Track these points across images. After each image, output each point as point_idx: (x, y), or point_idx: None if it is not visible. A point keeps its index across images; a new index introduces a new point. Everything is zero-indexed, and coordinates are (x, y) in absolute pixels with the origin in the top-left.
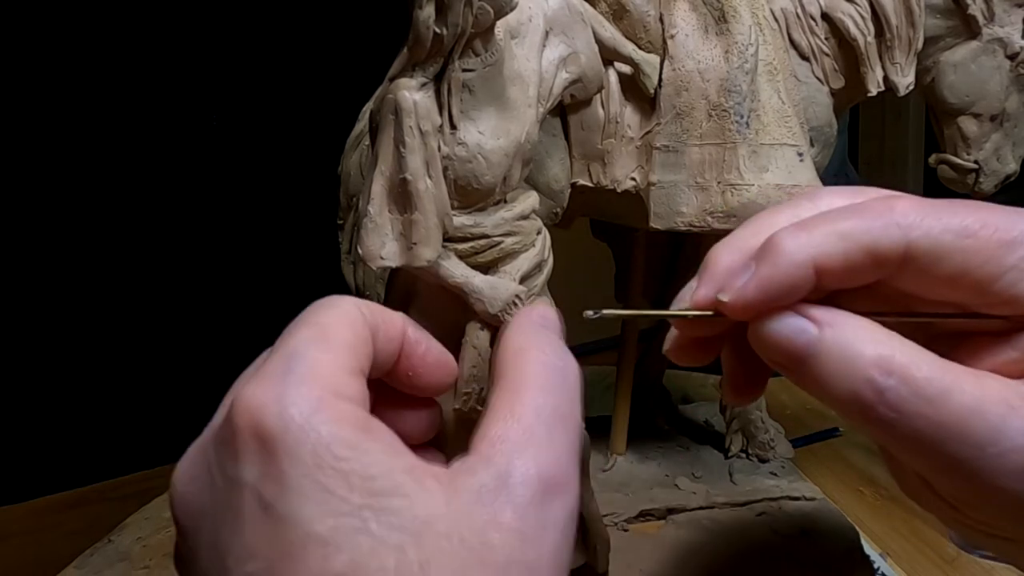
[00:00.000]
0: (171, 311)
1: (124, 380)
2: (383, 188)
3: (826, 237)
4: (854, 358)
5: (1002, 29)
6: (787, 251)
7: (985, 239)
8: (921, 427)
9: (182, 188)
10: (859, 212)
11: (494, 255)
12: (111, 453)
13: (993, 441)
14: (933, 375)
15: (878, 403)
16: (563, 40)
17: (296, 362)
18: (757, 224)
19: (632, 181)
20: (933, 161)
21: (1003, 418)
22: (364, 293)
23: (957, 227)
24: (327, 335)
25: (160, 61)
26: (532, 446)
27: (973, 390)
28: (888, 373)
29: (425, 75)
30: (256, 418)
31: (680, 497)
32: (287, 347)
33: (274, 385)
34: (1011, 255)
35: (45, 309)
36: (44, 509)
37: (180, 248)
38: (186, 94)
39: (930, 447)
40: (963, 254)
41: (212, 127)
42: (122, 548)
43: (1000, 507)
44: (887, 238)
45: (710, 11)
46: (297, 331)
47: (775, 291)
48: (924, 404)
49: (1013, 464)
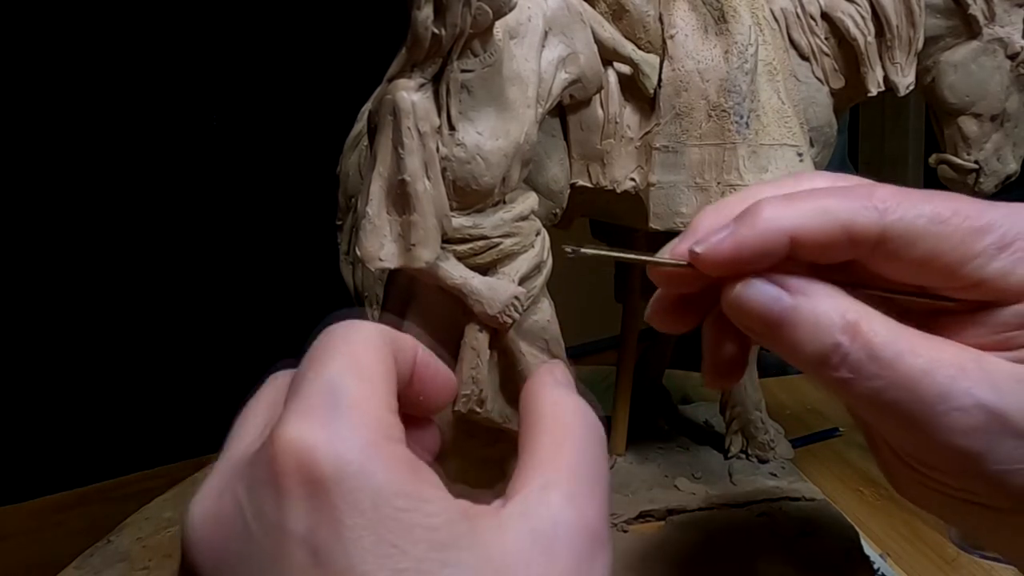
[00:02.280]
0: (171, 311)
1: (124, 380)
2: (381, 189)
3: (806, 210)
4: (824, 325)
5: (1002, 29)
6: (767, 217)
7: (956, 225)
8: (878, 387)
9: (182, 188)
10: (840, 192)
11: (493, 256)
12: (111, 453)
13: (942, 399)
14: (889, 339)
15: (841, 365)
16: (562, 40)
17: (339, 398)
18: (744, 194)
19: (632, 182)
20: (933, 161)
21: (952, 379)
22: (363, 294)
23: (931, 213)
24: (361, 366)
25: (160, 61)
26: (580, 497)
27: (927, 353)
28: (852, 338)
29: (423, 76)
30: (306, 461)
31: (680, 498)
32: (323, 378)
33: (322, 424)
34: (980, 241)
35: (45, 309)
36: (44, 509)
37: (180, 248)
38: (186, 94)
39: (887, 407)
40: (935, 239)
41: (212, 127)
42: (122, 548)
43: (951, 463)
44: (864, 218)
45: (710, 11)
46: (330, 360)
47: (748, 252)
48: (880, 366)
49: (960, 423)
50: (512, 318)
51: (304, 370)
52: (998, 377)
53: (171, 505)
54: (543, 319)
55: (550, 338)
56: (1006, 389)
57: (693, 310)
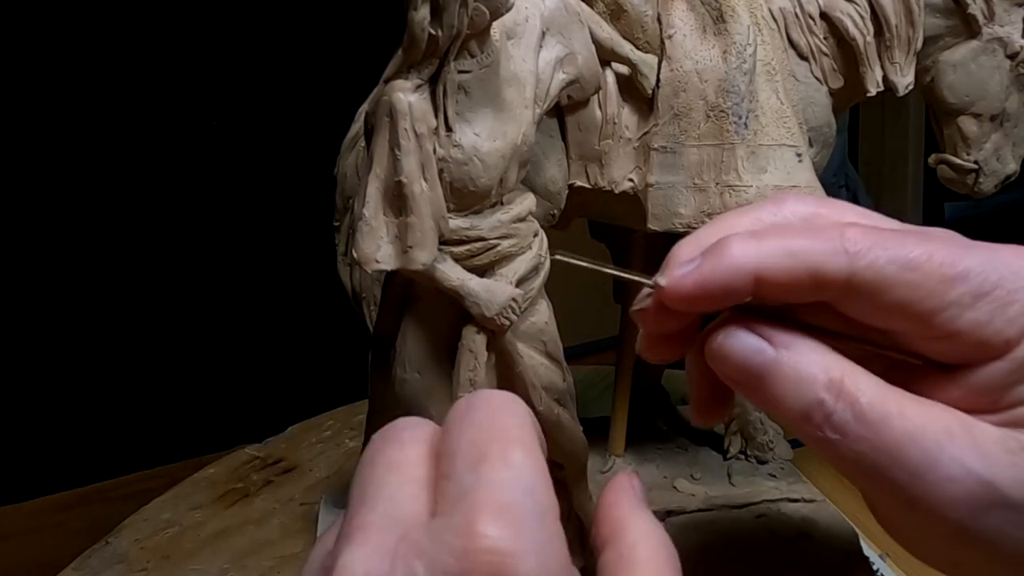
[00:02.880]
0: (170, 311)
1: (124, 380)
2: (378, 191)
3: (774, 250)
4: (807, 381)
5: (1002, 28)
6: (732, 254)
7: (928, 273)
8: (864, 451)
9: (181, 188)
10: (811, 233)
11: (490, 258)
12: (111, 453)
13: (929, 468)
14: (876, 400)
15: (824, 424)
16: (560, 40)
17: (537, 501)
18: (721, 223)
19: (630, 182)
20: (933, 161)
21: (940, 445)
22: (361, 295)
23: (902, 260)
24: (541, 461)
25: (160, 61)
26: None
27: (914, 416)
28: (837, 396)
29: (420, 77)
30: (505, 570)
31: (679, 499)
32: (513, 470)
33: (523, 532)
34: (952, 291)
35: (45, 309)
36: (44, 509)
37: (179, 248)
38: (186, 94)
39: (872, 471)
40: (906, 287)
41: (212, 127)
42: (120, 550)
43: (939, 530)
44: (832, 263)
45: (708, 11)
46: (512, 447)
47: (711, 289)
48: (865, 428)
49: (948, 492)
50: (510, 320)
51: (481, 449)
52: (987, 445)
53: (169, 506)
54: (541, 320)
55: (548, 340)
56: (995, 458)
57: (678, 342)
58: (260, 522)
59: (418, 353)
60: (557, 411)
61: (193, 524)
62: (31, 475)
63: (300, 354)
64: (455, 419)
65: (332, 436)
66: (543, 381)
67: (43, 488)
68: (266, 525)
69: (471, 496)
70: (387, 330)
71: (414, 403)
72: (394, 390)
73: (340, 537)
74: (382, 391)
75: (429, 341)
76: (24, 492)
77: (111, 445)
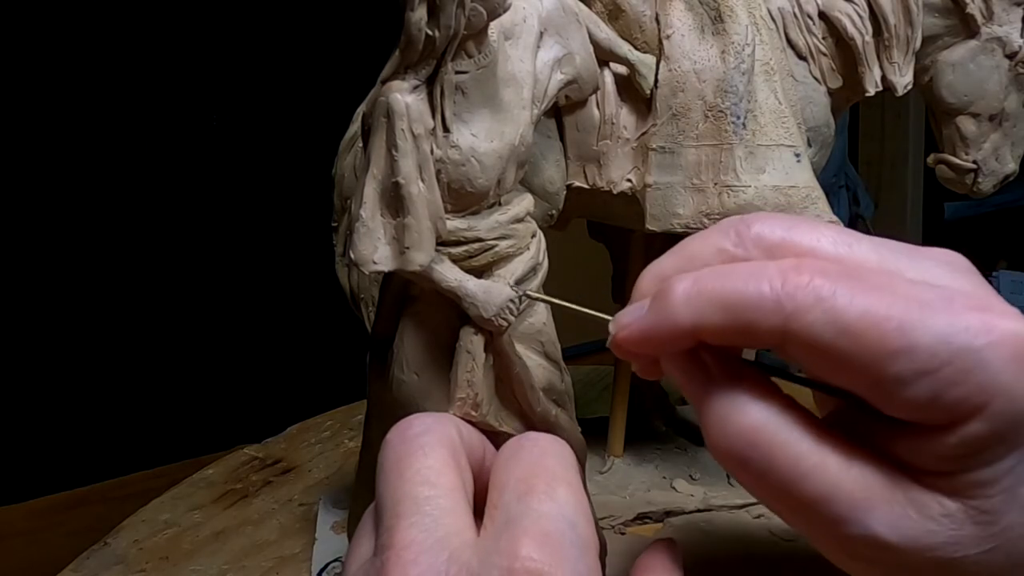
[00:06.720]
0: (169, 311)
1: (124, 380)
2: (375, 192)
3: (711, 303)
4: (730, 423)
5: (1001, 28)
6: (671, 311)
7: (868, 344)
8: (782, 503)
9: (181, 188)
10: (755, 279)
11: (488, 259)
12: (111, 453)
13: (846, 523)
14: (799, 454)
15: (743, 471)
16: (558, 41)
17: (578, 533)
18: (681, 253)
19: (628, 183)
20: (932, 161)
21: (853, 508)
22: (359, 296)
23: (841, 324)
24: (583, 497)
25: (160, 61)
26: None
27: (833, 476)
28: (753, 445)
29: (417, 77)
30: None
31: (678, 499)
32: (557, 503)
33: (565, 562)
34: (892, 365)
35: (45, 309)
36: (44, 509)
37: (178, 249)
38: (186, 94)
39: (791, 519)
40: (841, 354)
41: (212, 128)
42: (118, 551)
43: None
44: (766, 321)
45: (706, 11)
46: (555, 484)
47: (656, 341)
48: (782, 483)
49: (863, 552)
50: (508, 321)
51: (529, 483)
52: (900, 515)
53: (168, 507)
54: (539, 322)
55: (546, 340)
56: (905, 527)
57: None
58: (259, 523)
59: (416, 354)
60: (555, 412)
61: (192, 525)
62: (30, 475)
63: (299, 355)
64: (505, 456)
65: (331, 436)
66: (541, 382)
67: (42, 488)
68: (265, 526)
69: (517, 524)
70: (385, 331)
71: (412, 404)
72: (392, 391)
73: (383, 550)
74: (380, 392)
75: (427, 342)
76: (23, 492)
77: (110, 445)
